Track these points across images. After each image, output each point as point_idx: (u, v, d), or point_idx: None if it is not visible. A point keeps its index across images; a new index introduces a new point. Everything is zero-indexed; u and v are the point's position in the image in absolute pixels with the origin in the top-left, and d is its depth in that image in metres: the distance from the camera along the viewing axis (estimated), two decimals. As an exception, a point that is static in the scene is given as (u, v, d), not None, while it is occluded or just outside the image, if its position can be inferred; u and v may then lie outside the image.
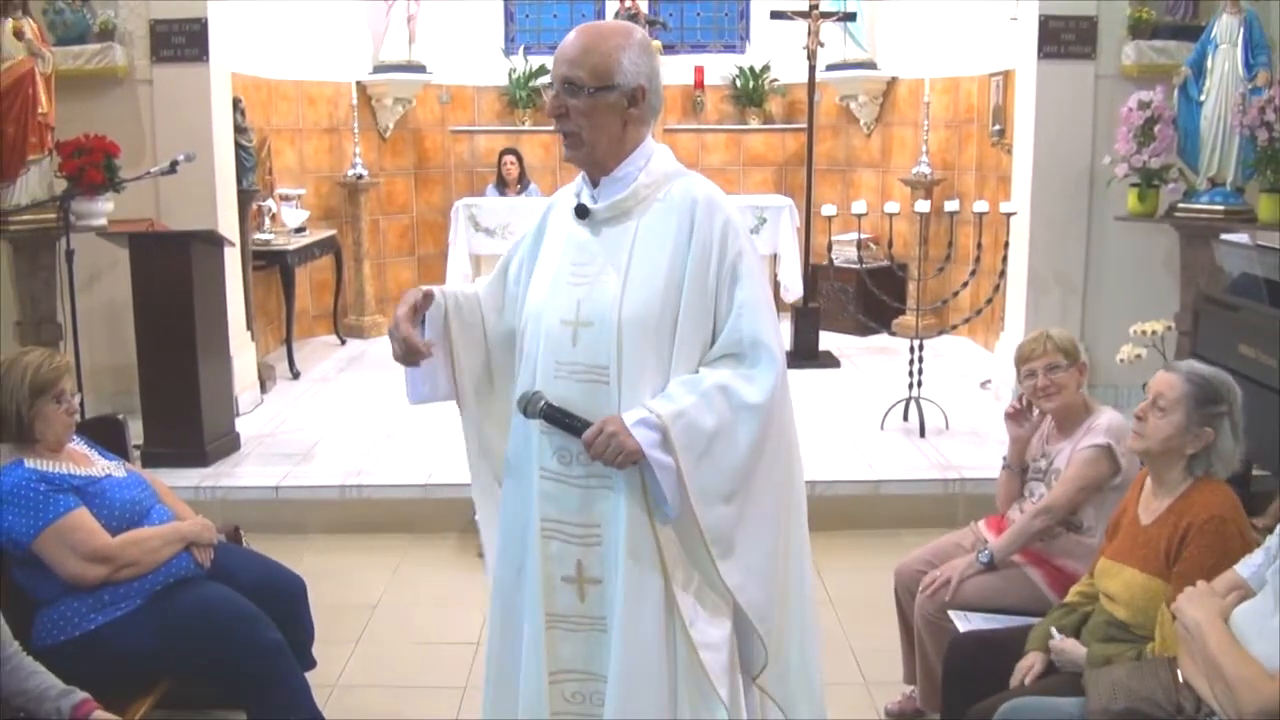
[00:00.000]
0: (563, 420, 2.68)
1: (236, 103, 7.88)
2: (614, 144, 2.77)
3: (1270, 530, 2.89)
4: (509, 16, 11.57)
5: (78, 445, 3.84)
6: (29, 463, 3.60)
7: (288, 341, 8.93)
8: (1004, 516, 4.11)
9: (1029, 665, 3.30)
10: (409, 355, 2.81)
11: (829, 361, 8.93)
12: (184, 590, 3.72)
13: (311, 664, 4.10)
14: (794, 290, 8.86)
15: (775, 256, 8.82)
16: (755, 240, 8.33)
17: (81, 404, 6.25)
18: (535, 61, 11.17)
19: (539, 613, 2.80)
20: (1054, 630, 3.32)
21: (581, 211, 2.81)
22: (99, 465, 3.81)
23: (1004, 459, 4.21)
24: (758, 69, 11.11)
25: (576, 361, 2.71)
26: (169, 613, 3.64)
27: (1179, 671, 2.76)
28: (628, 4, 10.84)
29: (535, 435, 2.76)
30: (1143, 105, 6.68)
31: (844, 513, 6.03)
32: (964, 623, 3.75)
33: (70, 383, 3.70)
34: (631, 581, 2.70)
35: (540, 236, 2.95)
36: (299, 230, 9.25)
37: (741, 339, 2.70)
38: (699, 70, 11.26)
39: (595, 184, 2.82)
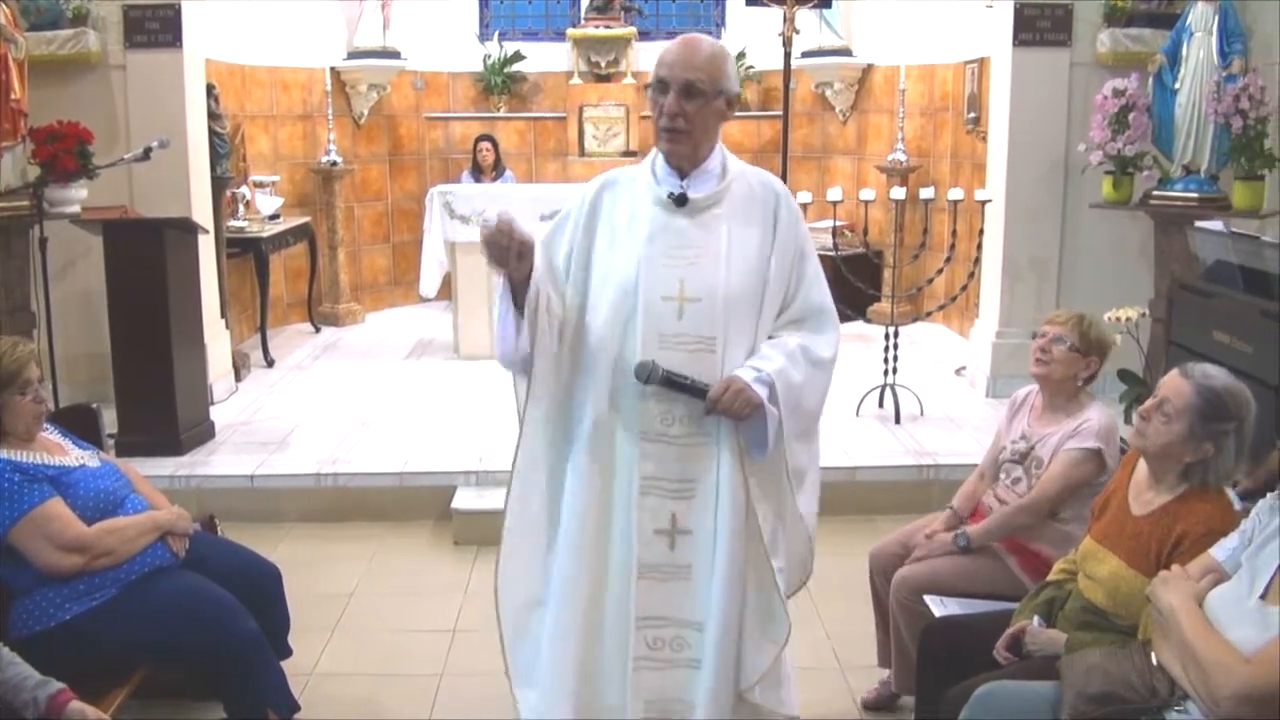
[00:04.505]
0: (682, 384, 3.03)
1: (210, 89, 7.83)
2: (709, 141, 3.14)
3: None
4: (484, 2, 11.56)
5: (51, 435, 3.82)
6: (3, 453, 3.57)
7: (262, 329, 8.89)
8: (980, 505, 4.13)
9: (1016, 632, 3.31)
10: (509, 246, 2.91)
11: (805, 348, 8.93)
12: (160, 580, 3.71)
13: (287, 653, 4.09)
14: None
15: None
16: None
17: (55, 393, 6.21)
18: (510, 48, 11.15)
19: (631, 564, 3.10)
20: (1035, 619, 3.32)
21: (681, 201, 3.11)
22: (73, 455, 3.78)
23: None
24: (733, 56, 11.08)
25: (683, 333, 3.06)
26: (145, 602, 3.62)
27: (1153, 655, 2.77)
28: (605, -11, 10.87)
29: (634, 402, 3.08)
30: (1118, 93, 6.70)
31: (820, 498, 6.03)
32: (939, 607, 3.76)
33: (34, 371, 3.65)
34: (730, 526, 3.10)
35: (594, 219, 3.19)
36: (273, 217, 9.21)
37: (811, 306, 3.21)
38: (674, 57, 11.22)
39: (683, 175, 3.14)
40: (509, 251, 2.92)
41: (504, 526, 3.26)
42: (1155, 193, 6.71)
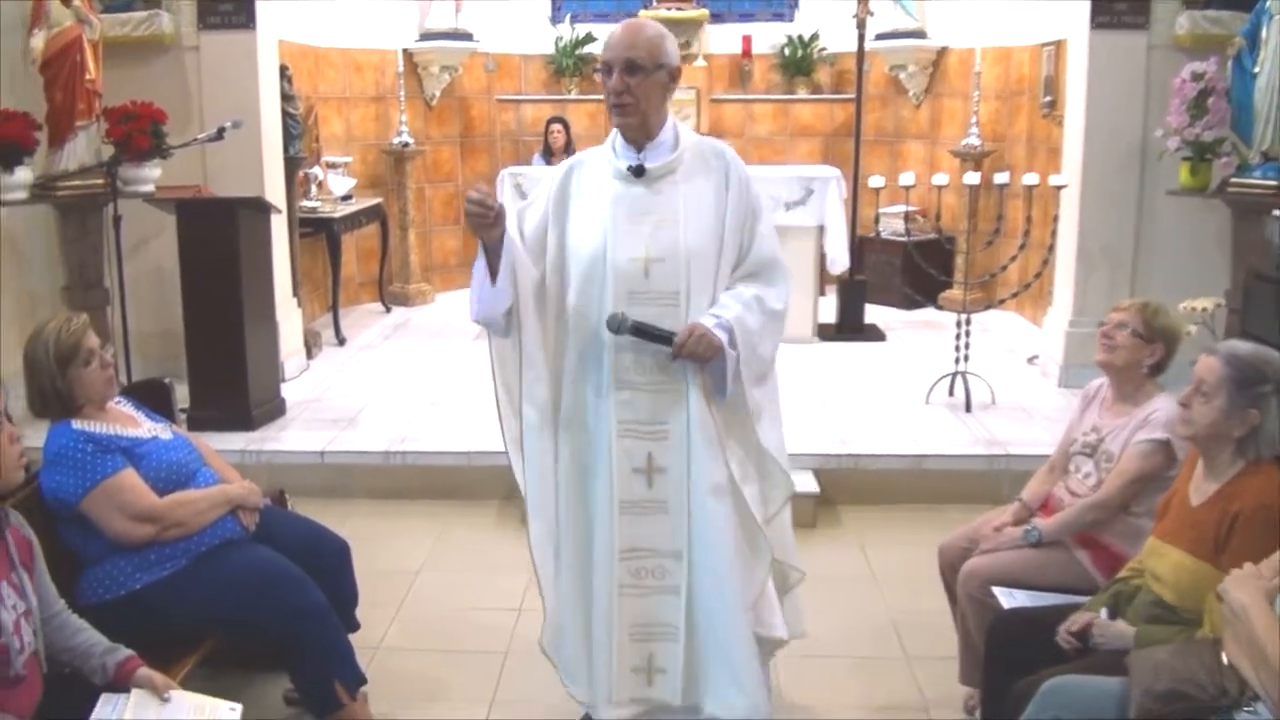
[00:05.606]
0: (650, 332, 3.34)
1: (283, 70, 7.89)
2: (657, 114, 3.44)
3: None
4: (556, -15, 11.55)
5: (125, 407, 3.88)
6: (76, 424, 3.63)
7: (334, 308, 8.99)
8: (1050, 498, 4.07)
9: (1084, 618, 3.29)
10: (486, 214, 3.20)
11: (874, 335, 8.88)
12: (229, 552, 3.76)
13: (355, 626, 4.13)
14: (840, 262, 8.72)
15: (821, 228, 8.67)
16: (801, 211, 8.36)
17: (128, 368, 6.31)
18: (582, 30, 11.13)
19: (613, 501, 3.45)
20: (1102, 610, 3.29)
21: (639, 171, 3.44)
22: (145, 427, 3.84)
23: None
24: (806, 38, 11.03)
25: (650, 289, 3.39)
26: (214, 574, 3.67)
27: (1223, 654, 2.73)
28: (675, -26, 10.82)
29: (608, 355, 3.42)
30: (1196, 77, 6.57)
31: (888, 487, 6.02)
32: (1008, 599, 3.72)
33: (93, 340, 3.69)
34: (701, 461, 3.43)
35: (564, 198, 3.53)
36: (345, 198, 9.29)
37: (763, 260, 3.51)
38: (747, 39, 11.19)
39: (639, 149, 3.45)
40: (486, 218, 3.21)
41: (525, 484, 3.64)
42: (1233, 180, 6.54)
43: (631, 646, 3.51)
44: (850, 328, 8.91)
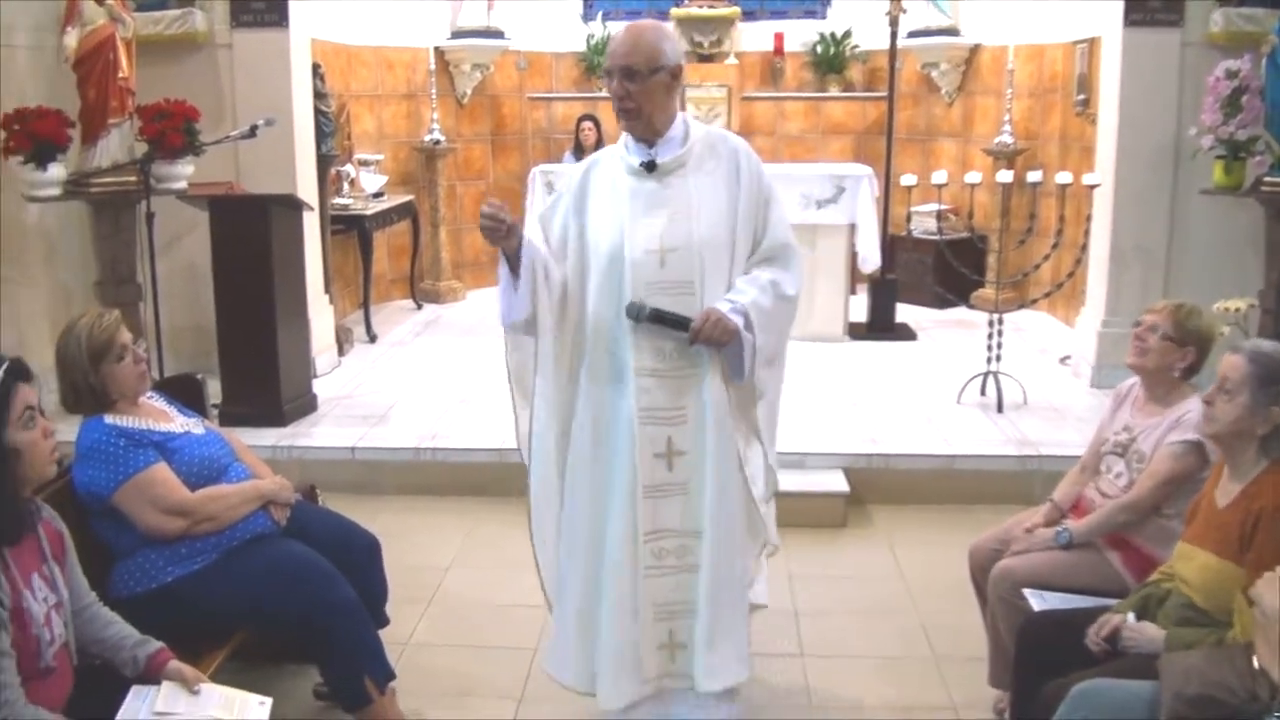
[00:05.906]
0: (668, 318, 3.45)
1: (316, 68, 7.92)
2: (662, 112, 3.55)
3: None
4: (587, -18, 11.55)
5: (157, 402, 3.90)
6: (109, 419, 3.65)
7: (365, 305, 9.03)
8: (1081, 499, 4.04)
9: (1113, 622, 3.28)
10: (499, 227, 3.37)
11: (906, 334, 8.85)
12: (260, 546, 3.77)
13: (385, 622, 4.13)
14: (872, 261, 8.69)
15: (853, 226, 8.64)
16: (833, 209, 8.34)
17: (160, 363, 6.35)
18: (614, 27, 11.11)
19: (636, 486, 3.53)
20: (1130, 615, 3.27)
21: (650, 167, 3.55)
22: (178, 422, 3.86)
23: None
24: (839, 35, 11.00)
25: (666, 279, 3.49)
26: (245, 568, 3.69)
27: (1255, 658, 2.71)
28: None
29: (628, 344, 3.51)
30: (1230, 75, 6.51)
31: (918, 487, 5.99)
32: (1039, 601, 3.69)
33: (125, 335, 3.70)
34: (718, 444, 3.55)
35: (583, 197, 3.64)
36: (377, 195, 9.33)
37: (777, 244, 3.62)
38: (779, 37, 11.16)
39: (650, 145, 3.57)
40: (499, 231, 3.38)
41: (529, 469, 3.77)
42: (1266, 179, 6.48)
43: (655, 625, 3.61)
44: (881, 327, 8.88)
